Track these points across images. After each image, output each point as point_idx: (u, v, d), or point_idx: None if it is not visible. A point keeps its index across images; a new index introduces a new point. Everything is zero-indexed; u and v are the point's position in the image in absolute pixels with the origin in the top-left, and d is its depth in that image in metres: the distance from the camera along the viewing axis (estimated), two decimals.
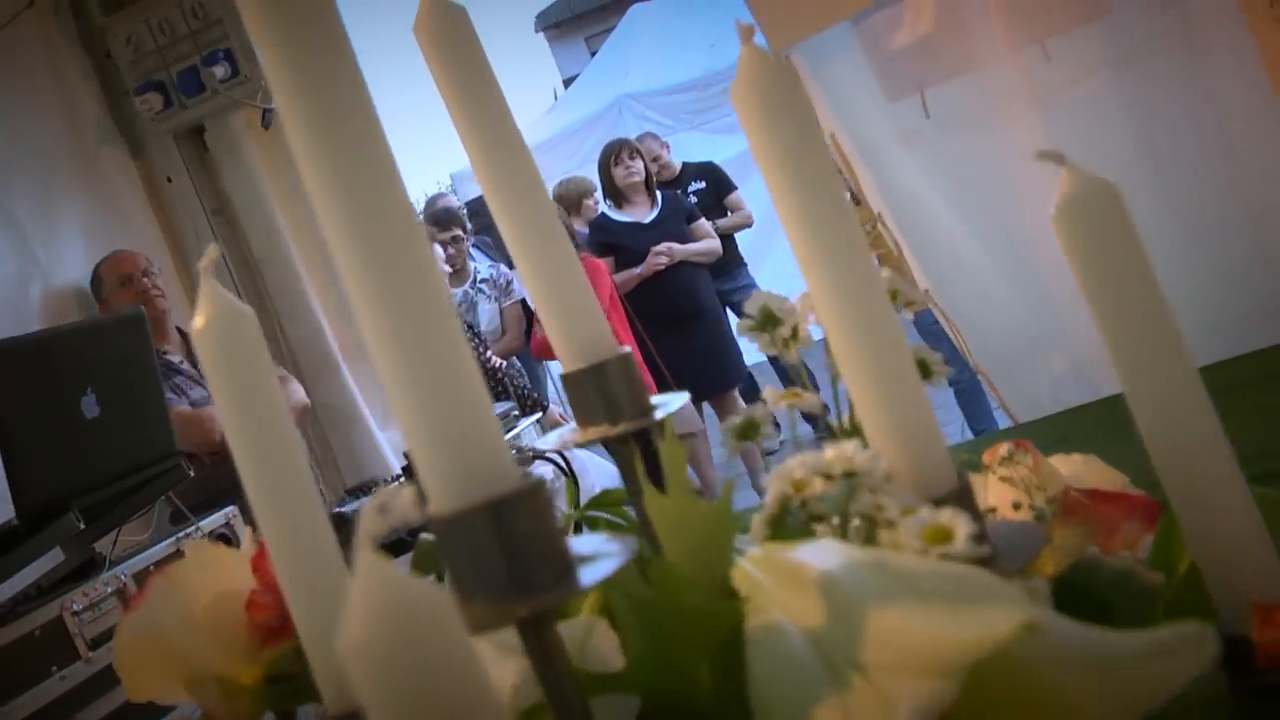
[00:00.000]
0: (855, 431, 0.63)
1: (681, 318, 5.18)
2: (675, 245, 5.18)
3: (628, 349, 0.72)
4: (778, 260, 7.22)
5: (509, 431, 3.51)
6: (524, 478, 0.48)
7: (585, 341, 0.71)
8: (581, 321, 0.72)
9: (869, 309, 0.58)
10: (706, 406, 5.45)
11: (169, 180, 4.10)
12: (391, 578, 0.35)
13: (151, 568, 2.31)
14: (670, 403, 0.71)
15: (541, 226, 0.71)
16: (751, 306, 0.71)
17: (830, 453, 0.56)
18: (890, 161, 2.92)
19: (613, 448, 0.71)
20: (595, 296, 0.73)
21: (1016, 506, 0.70)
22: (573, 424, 0.74)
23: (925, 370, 0.67)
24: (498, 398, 4.31)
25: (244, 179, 4.05)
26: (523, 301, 5.34)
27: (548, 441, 0.73)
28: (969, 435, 4.90)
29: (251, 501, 0.62)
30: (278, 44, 0.48)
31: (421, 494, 0.48)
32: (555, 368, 6.61)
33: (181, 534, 2.47)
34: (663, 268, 5.14)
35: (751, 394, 5.77)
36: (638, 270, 5.14)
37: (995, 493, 0.76)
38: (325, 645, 0.61)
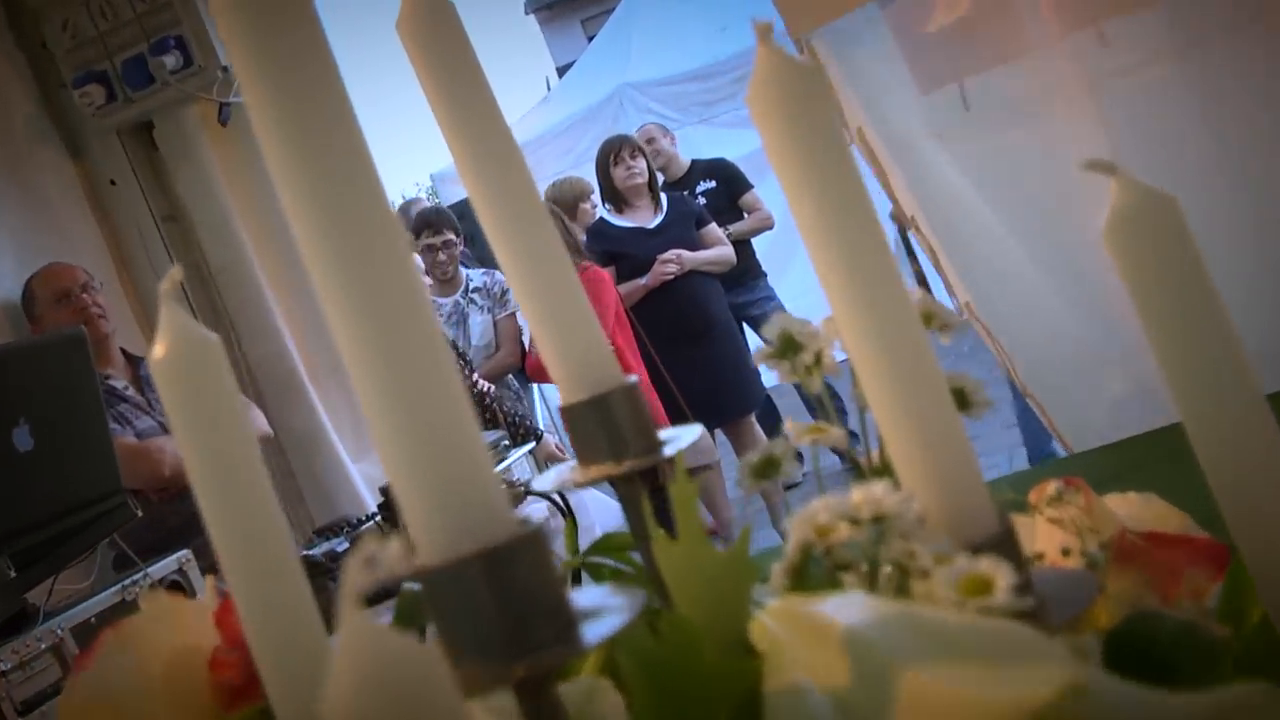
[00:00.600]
0: (885, 470, 0.64)
1: (692, 334, 5.20)
2: (684, 253, 5.20)
3: (634, 378, 0.73)
4: (801, 269, 7.21)
5: (498, 465, 3.52)
6: (521, 524, 0.50)
7: (586, 369, 0.73)
8: (582, 347, 0.73)
9: (900, 334, 0.60)
10: (720, 434, 5.45)
11: (112, 183, 4.12)
12: (379, 637, 0.37)
13: (92, 620, 2.31)
14: (681, 437, 0.73)
15: (536, 241, 0.73)
16: (770, 331, 0.73)
17: (857, 495, 0.57)
18: (925, 159, 2.93)
19: (618, 488, 0.73)
20: (598, 318, 0.74)
21: (1066, 552, 0.72)
22: (572, 461, 0.75)
23: (962, 400, 0.68)
24: (484, 426, 4.32)
25: (198, 182, 4.07)
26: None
27: (544, 482, 0.75)
28: (1019, 464, 4.90)
29: (216, 548, 0.63)
30: (252, 48, 0.50)
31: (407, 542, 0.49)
32: (549, 390, 6.62)
33: (127, 581, 2.47)
34: (670, 278, 5.16)
35: (770, 420, 5.78)
36: (642, 281, 5.15)
37: (1043, 536, 0.77)
38: (297, 707, 0.62)
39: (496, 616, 0.48)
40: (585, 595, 0.52)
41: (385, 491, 3.07)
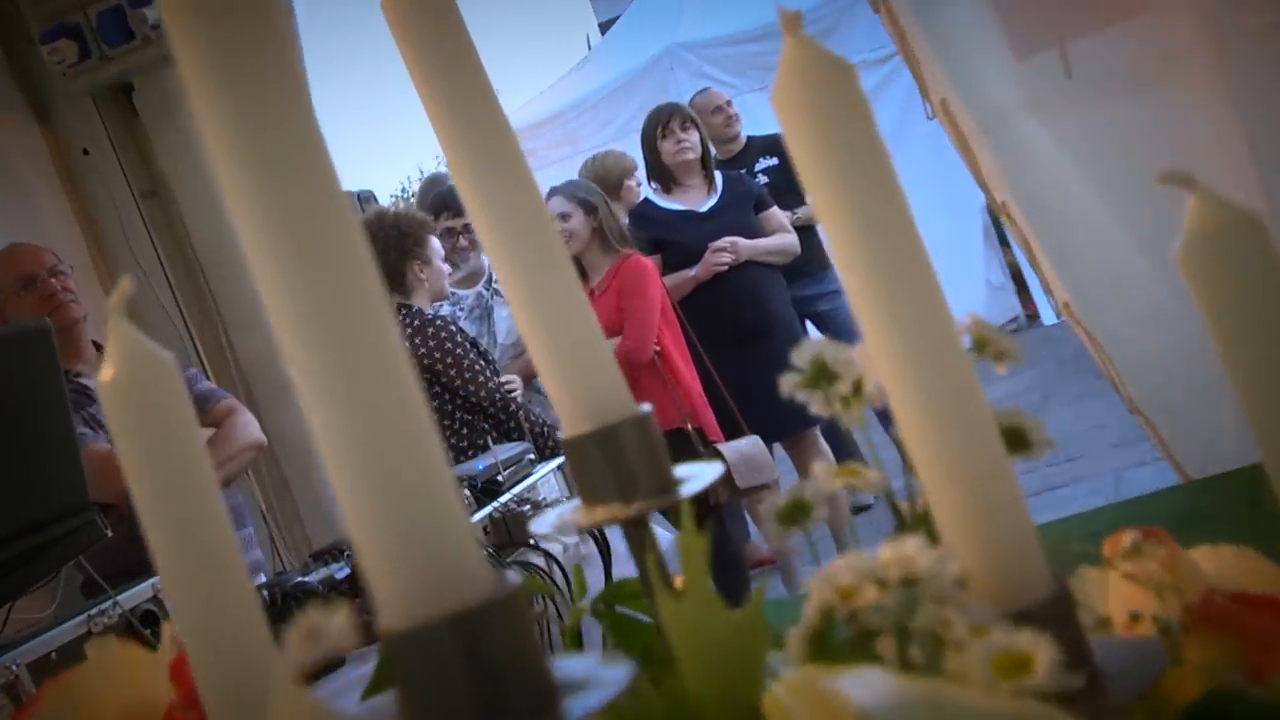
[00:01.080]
0: (926, 520, 0.65)
1: (749, 334, 5.19)
2: (740, 240, 5.19)
3: (647, 407, 0.74)
4: None
5: (523, 480, 3.52)
6: (498, 584, 0.51)
7: (592, 395, 0.74)
8: (587, 371, 0.74)
9: (939, 365, 0.60)
10: (780, 449, 5.44)
11: (86, 153, 4.15)
12: (317, 714, 0.38)
13: (52, 655, 2.34)
14: (699, 476, 0.73)
15: (535, 249, 0.74)
16: (801, 357, 0.73)
17: (886, 553, 0.58)
18: (1020, 137, 2.92)
19: (627, 531, 0.74)
20: (642, 313, 0.75)
21: (1135, 617, 0.72)
22: (575, 499, 0.76)
23: (1017, 441, 0.69)
24: (508, 435, 4.32)
25: (183, 153, 4.10)
26: None
27: (543, 524, 0.76)
28: (1128, 490, 4.86)
29: (166, 594, 0.65)
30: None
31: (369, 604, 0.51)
32: None
33: (94, 610, 2.49)
34: (724, 269, 5.16)
35: (837, 434, 5.76)
36: (692, 272, 5.15)
37: (1119, 594, 0.78)
38: None
39: (468, 688, 0.49)
40: (570, 665, 0.53)
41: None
